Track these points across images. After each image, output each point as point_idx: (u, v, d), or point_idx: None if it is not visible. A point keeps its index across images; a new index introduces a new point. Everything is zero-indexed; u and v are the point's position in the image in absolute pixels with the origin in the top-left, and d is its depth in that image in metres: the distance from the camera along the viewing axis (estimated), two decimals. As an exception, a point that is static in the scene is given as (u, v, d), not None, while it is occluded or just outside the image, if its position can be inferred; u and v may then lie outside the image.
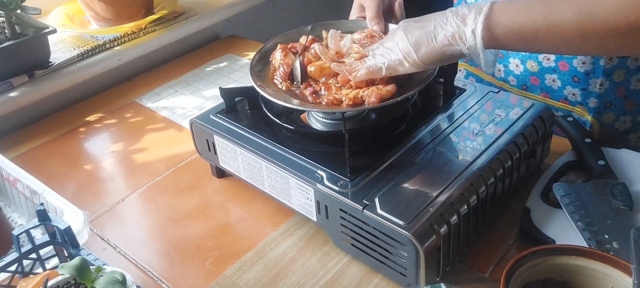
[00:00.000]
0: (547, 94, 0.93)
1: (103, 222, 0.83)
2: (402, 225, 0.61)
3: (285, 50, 0.80)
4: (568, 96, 0.91)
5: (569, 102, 0.91)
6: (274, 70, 0.80)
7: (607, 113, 0.90)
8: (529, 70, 0.92)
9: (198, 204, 0.84)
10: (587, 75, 0.88)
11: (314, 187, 0.69)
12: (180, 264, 0.74)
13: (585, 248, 0.59)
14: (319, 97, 0.74)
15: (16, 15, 1.00)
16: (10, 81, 1.02)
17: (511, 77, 0.96)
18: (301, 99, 0.74)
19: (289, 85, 0.77)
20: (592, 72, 0.87)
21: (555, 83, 0.91)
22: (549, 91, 0.92)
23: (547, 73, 0.91)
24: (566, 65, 0.88)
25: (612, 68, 0.87)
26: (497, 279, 0.61)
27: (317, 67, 0.77)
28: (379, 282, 0.69)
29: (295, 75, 0.77)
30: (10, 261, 0.61)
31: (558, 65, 0.89)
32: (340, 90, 0.73)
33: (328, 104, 0.72)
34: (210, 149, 0.83)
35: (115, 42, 1.16)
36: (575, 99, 0.91)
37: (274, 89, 0.76)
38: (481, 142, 0.73)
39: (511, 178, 0.74)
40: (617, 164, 0.78)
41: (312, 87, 0.75)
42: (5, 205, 0.86)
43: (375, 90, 0.70)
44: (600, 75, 0.87)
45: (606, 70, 0.87)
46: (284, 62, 0.79)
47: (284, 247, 0.75)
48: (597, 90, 0.89)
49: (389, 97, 0.70)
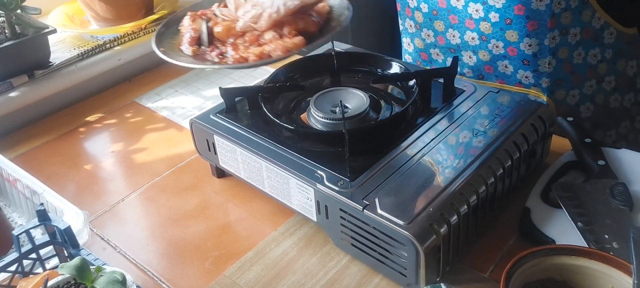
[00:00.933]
0: (502, 80, 0.96)
1: (103, 222, 0.83)
2: (402, 225, 0.61)
3: (194, 16, 0.79)
4: (522, 80, 0.94)
5: (523, 85, 0.94)
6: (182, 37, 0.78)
7: (560, 90, 0.93)
8: (482, 59, 0.95)
9: (198, 204, 0.84)
10: (535, 56, 0.91)
11: (314, 187, 0.69)
12: (180, 264, 0.74)
13: (585, 248, 0.59)
14: (225, 58, 0.73)
15: (16, 15, 1.00)
16: (10, 81, 1.02)
17: (467, 69, 0.98)
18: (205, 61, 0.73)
19: (195, 50, 0.75)
20: (539, 52, 0.90)
21: (508, 69, 0.93)
22: (503, 77, 0.95)
23: (499, 60, 0.93)
24: (515, 50, 0.91)
25: (556, 46, 0.90)
26: (497, 279, 0.61)
27: (224, 27, 0.75)
28: (379, 282, 0.69)
29: (203, 38, 0.76)
30: (10, 261, 0.61)
31: (507, 51, 0.92)
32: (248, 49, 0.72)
33: (234, 61, 0.71)
34: (210, 149, 0.83)
35: (115, 42, 1.16)
36: (529, 82, 0.94)
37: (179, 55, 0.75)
38: (481, 142, 0.73)
39: (511, 178, 0.74)
40: (617, 164, 0.78)
41: (219, 49, 0.74)
42: (5, 205, 0.86)
43: (280, 43, 0.69)
44: (547, 54, 0.90)
45: (551, 49, 0.90)
46: (192, 27, 0.77)
47: (284, 247, 0.75)
48: (547, 69, 0.92)
49: (294, 49, 0.69)
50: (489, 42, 0.93)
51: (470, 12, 0.92)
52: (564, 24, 0.88)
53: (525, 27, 0.88)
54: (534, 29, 0.88)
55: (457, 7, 0.93)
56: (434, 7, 0.96)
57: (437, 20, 0.97)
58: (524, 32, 0.89)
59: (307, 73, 0.91)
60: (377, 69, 0.89)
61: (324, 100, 0.81)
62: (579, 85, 0.92)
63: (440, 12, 0.95)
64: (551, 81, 0.92)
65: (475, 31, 0.93)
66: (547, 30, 0.88)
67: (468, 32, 0.94)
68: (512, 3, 0.87)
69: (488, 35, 0.92)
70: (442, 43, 0.99)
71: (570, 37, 0.89)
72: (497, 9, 0.89)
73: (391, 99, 0.85)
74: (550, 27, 0.88)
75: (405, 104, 0.79)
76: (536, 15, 0.87)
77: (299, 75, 0.90)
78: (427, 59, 1.03)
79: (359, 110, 0.78)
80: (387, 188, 0.67)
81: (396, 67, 0.87)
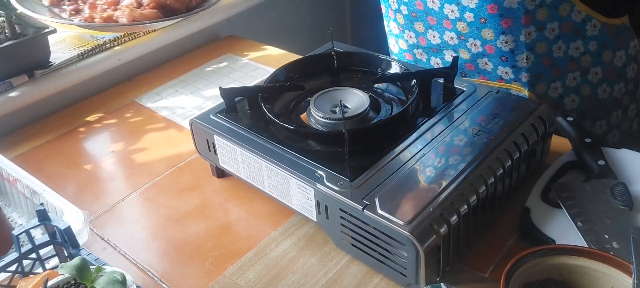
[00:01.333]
0: (484, 76, 0.98)
1: (103, 222, 0.83)
2: (402, 225, 0.61)
3: None
4: (502, 75, 0.95)
5: (504, 80, 0.95)
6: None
7: (540, 83, 0.94)
8: (462, 58, 0.96)
9: (198, 204, 0.84)
10: (512, 52, 0.92)
11: (314, 187, 0.69)
12: (180, 264, 0.74)
13: (585, 248, 0.59)
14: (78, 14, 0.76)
15: (16, 15, 1.00)
16: (10, 81, 1.02)
17: None
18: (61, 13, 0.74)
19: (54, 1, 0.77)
20: (516, 48, 0.92)
21: (488, 65, 0.95)
22: (485, 74, 0.97)
23: (478, 58, 0.95)
24: (492, 48, 0.92)
25: (533, 41, 0.91)
26: (497, 279, 0.61)
27: None
28: (379, 282, 0.69)
29: None
30: (10, 261, 0.61)
31: (485, 49, 0.94)
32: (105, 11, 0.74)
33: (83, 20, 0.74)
34: (210, 149, 0.83)
35: (115, 42, 1.16)
36: (509, 77, 0.95)
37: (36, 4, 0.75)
38: (481, 142, 0.73)
39: (511, 178, 0.74)
40: (617, 164, 0.78)
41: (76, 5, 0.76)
42: (5, 205, 0.86)
43: (129, 11, 0.70)
44: (524, 50, 0.91)
45: (528, 44, 0.91)
46: None
47: (284, 247, 0.75)
48: (526, 64, 0.93)
49: (143, 20, 0.70)
50: (467, 41, 0.94)
51: (446, 13, 0.93)
52: (540, 19, 0.89)
53: (499, 24, 0.90)
54: (509, 26, 0.89)
55: (434, 9, 0.94)
56: (413, 9, 0.97)
57: (416, 22, 0.98)
58: (499, 30, 0.90)
59: (307, 73, 0.91)
60: (377, 69, 0.89)
61: (324, 100, 0.81)
62: (560, 77, 0.94)
63: (419, 14, 0.97)
64: (531, 75, 0.93)
65: (453, 31, 0.94)
66: (521, 26, 0.89)
67: (446, 32, 0.95)
68: (485, 2, 0.88)
69: (465, 34, 0.93)
70: (423, 44, 1.00)
71: (548, 32, 0.90)
72: (471, 9, 0.90)
73: (391, 99, 0.85)
74: (525, 24, 0.89)
75: (405, 104, 0.79)
76: (509, 13, 0.88)
77: (299, 75, 0.90)
78: (412, 60, 1.05)
79: (359, 110, 0.78)
80: (387, 188, 0.67)
81: (396, 67, 0.87)
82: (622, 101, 0.98)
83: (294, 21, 1.73)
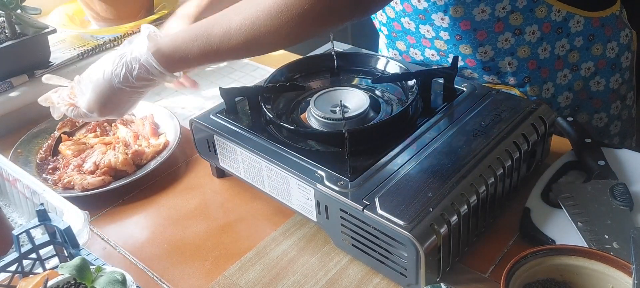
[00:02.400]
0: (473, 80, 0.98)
1: (103, 222, 0.83)
2: (402, 225, 0.61)
3: None
4: (489, 81, 0.96)
5: (492, 84, 0.95)
6: None
7: (531, 86, 0.94)
8: None
9: (198, 204, 0.84)
10: (493, 60, 0.92)
11: (314, 187, 0.69)
12: (180, 264, 0.74)
13: (585, 248, 0.59)
14: (54, 173, 0.90)
15: (16, 15, 1.00)
16: (10, 81, 1.02)
17: None
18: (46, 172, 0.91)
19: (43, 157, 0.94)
20: (496, 55, 0.92)
21: (473, 74, 0.96)
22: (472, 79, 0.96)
23: (462, 70, 0.96)
24: (473, 61, 0.94)
25: (512, 47, 0.90)
26: (497, 279, 0.61)
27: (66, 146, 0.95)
28: (379, 282, 0.69)
29: None
30: (10, 261, 0.61)
31: (467, 63, 0.94)
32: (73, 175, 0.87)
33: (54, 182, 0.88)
34: (210, 149, 0.83)
35: (115, 42, 1.16)
36: (496, 82, 0.95)
37: None
38: (481, 142, 0.73)
39: (511, 178, 0.74)
40: (617, 164, 0.78)
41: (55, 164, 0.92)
42: (5, 205, 0.86)
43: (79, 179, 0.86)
44: (504, 56, 0.91)
45: (507, 50, 0.91)
46: None
47: (284, 247, 0.75)
48: (509, 69, 0.93)
49: (90, 188, 0.84)
50: (446, 56, 0.95)
51: (423, 33, 0.94)
52: (515, 24, 0.88)
53: (475, 38, 0.89)
54: (484, 37, 0.89)
55: (411, 29, 0.95)
56: (392, 30, 0.99)
57: (398, 41, 1.00)
58: (475, 44, 0.90)
59: (307, 73, 0.91)
60: (377, 69, 0.89)
61: (324, 100, 0.81)
62: (550, 77, 0.93)
63: (398, 34, 0.98)
64: (517, 79, 0.93)
65: (432, 49, 0.95)
66: (496, 34, 0.89)
67: (427, 49, 0.96)
68: (457, 21, 0.88)
69: (445, 50, 0.94)
70: (408, 60, 1.02)
71: (528, 36, 0.89)
72: (445, 28, 0.90)
73: (391, 99, 0.85)
74: (499, 31, 0.88)
75: (405, 104, 0.79)
76: (482, 25, 0.88)
77: (299, 75, 0.90)
78: None
79: (359, 110, 0.78)
80: (387, 188, 0.67)
81: (396, 67, 0.87)
82: (620, 91, 0.98)
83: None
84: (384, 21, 0.98)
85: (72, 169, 0.89)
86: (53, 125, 1.01)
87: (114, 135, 0.99)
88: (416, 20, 0.93)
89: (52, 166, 0.91)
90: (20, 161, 0.92)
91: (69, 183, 0.86)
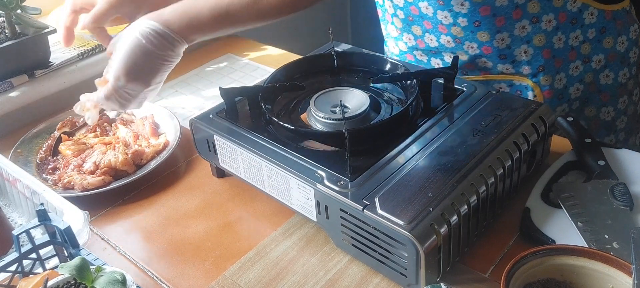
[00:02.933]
0: (485, 72, 0.98)
1: (103, 222, 0.83)
2: (402, 225, 0.61)
3: None
4: (503, 71, 0.95)
5: (505, 74, 0.95)
6: None
7: (544, 76, 0.95)
8: (461, 60, 0.97)
9: (198, 204, 0.84)
10: (509, 48, 0.93)
11: (314, 187, 0.69)
12: (180, 264, 0.74)
13: (585, 248, 0.59)
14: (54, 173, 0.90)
15: (16, 15, 1.00)
16: (10, 81, 1.02)
17: None
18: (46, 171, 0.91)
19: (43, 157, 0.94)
20: (512, 43, 0.92)
21: (488, 63, 0.96)
22: (485, 70, 0.97)
23: (476, 58, 0.96)
24: (489, 49, 0.94)
25: (529, 35, 0.92)
26: (498, 279, 0.61)
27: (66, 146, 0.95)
28: (379, 282, 0.69)
29: None
30: (10, 261, 0.61)
31: (482, 50, 0.94)
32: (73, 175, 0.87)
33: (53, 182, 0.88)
34: (210, 149, 0.83)
35: (115, 42, 1.16)
36: (510, 71, 0.96)
37: None
38: (481, 142, 0.73)
39: (511, 178, 0.74)
40: (617, 164, 0.78)
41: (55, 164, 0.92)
42: (5, 205, 0.86)
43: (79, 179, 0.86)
44: (521, 43, 0.92)
45: (523, 38, 0.92)
46: None
47: (284, 247, 0.75)
48: (524, 57, 0.94)
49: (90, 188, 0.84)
50: (463, 44, 0.95)
51: (440, 18, 0.94)
52: (532, 12, 0.90)
53: (494, 24, 0.90)
54: (502, 24, 0.90)
55: (428, 14, 0.95)
56: (409, 14, 0.98)
57: (413, 25, 0.99)
58: (494, 30, 0.91)
59: (307, 73, 0.91)
60: (377, 69, 0.89)
61: (324, 100, 0.81)
62: (563, 68, 0.94)
63: (415, 19, 0.98)
64: (532, 68, 0.94)
65: (448, 35, 0.95)
66: (514, 21, 0.90)
67: (442, 36, 0.96)
68: (477, 6, 0.89)
69: (461, 38, 0.94)
70: (422, 46, 1.01)
71: (544, 24, 0.90)
72: (464, 14, 0.91)
73: (391, 99, 0.85)
74: (517, 18, 0.90)
75: (405, 104, 0.79)
76: (501, 11, 0.89)
77: (299, 75, 0.90)
78: (413, 60, 1.05)
79: (359, 110, 0.78)
80: (387, 188, 0.67)
81: (396, 67, 0.87)
82: (627, 86, 1.00)
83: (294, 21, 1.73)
84: (401, 4, 0.98)
85: (72, 169, 0.89)
86: (53, 125, 1.01)
87: (114, 135, 0.99)
88: (434, 5, 0.93)
89: (52, 166, 0.91)
90: (20, 161, 0.92)
91: (69, 183, 0.86)
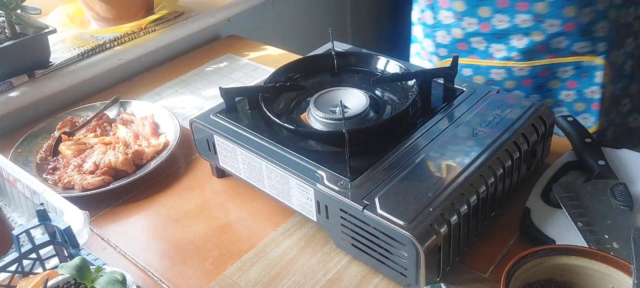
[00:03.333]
0: (554, 55, 0.97)
1: (103, 222, 0.83)
2: (402, 225, 0.61)
3: None
4: (577, 50, 0.95)
5: (578, 55, 0.95)
6: None
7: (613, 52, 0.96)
8: (534, 40, 0.95)
9: (198, 204, 0.84)
10: (592, 23, 0.93)
11: (314, 187, 0.69)
12: (180, 264, 0.74)
13: (585, 248, 0.59)
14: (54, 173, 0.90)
15: (16, 15, 1.00)
16: (10, 81, 1.02)
17: (515, 53, 0.97)
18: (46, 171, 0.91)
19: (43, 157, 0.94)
20: (595, 18, 0.93)
21: (562, 44, 0.95)
22: (555, 52, 0.96)
23: (553, 38, 0.94)
24: (571, 25, 0.93)
25: (606, 9, 0.92)
26: (497, 279, 0.61)
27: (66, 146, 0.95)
28: (379, 282, 0.69)
29: None
30: (10, 261, 0.61)
31: (563, 28, 0.93)
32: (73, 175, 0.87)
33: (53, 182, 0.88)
34: (210, 149, 0.83)
35: (115, 42, 1.16)
36: (585, 50, 0.96)
37: None
38: (481, 141, 0.73)
39: (511, 178, 0.74)
40: (617, 164, 0.78)
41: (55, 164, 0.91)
42: (5, 205, 0.86)
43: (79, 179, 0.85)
44: (601, 18, 0.93)
45: (602, 12, 0.92)
46: None
47: (284, 247, 0.75)
48: (602, 33, 0.94)
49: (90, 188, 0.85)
50: (543, 22, 0.93)
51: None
52: None
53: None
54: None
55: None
56: None
57: (482, 7, 0.96)
58: (581, 4, 0.91)
59: (307, 73, 0.91)
60: (377, 69, 0.89)
61: (324, 100, 0.81)
62: (623, 44, 0.96)
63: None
64: (607, 44, 0.95)
65: (527, 13, 0.93)
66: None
67: (519, 14, 0.94)
68: None
69: (543, 15, 0.92)
70: (485, 30, 0.98)
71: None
72: None
73: (391, 99, 0.85)
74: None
75: (405, 104, 0.79)
76: None
77: (299, 75, 0.90)
78: (466, 49, 1.02)
79: (359, 110, 0.78)
80: (387, 188, 0.67)
81: (396, 67, 0.87)
82: None
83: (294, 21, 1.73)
84: None
85: (72, 169, 0.89)
86: (53, 125, 1.01)
87: (114, 135, 0.99)
88: None
89: (52, 166, 0.91)
90: (20, 161, 0.92)
91: (69, 183, 0.86)
